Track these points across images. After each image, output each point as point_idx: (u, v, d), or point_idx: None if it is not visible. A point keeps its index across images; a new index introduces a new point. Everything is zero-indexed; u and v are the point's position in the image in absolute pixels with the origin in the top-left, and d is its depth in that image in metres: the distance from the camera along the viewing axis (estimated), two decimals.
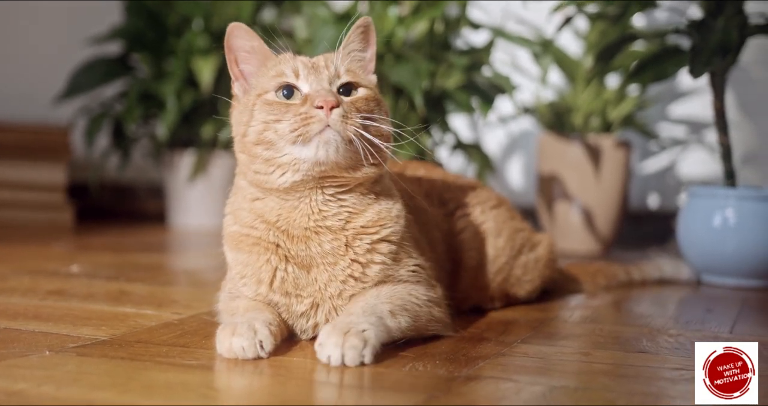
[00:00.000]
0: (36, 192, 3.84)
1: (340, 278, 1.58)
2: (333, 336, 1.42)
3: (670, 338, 1.80)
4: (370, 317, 1.48)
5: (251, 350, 1.45)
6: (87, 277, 2.38)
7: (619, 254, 3.42)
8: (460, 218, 2.02)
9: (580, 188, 3.46)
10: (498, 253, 2.04)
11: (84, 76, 3.84)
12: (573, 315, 2.08)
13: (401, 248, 1.64)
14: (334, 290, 1.58)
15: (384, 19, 3.15)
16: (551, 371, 1.51)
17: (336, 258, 1.57)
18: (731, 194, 2.65)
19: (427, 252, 1.78)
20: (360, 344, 1.42)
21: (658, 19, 3.74)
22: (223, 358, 1.45)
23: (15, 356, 1.42)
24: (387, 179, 1.68)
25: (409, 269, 1.65)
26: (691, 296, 2.51)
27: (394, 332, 1.54)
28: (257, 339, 1.46)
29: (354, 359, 1.41)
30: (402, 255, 1.64)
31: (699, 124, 3.80)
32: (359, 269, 1.58)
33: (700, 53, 2.50)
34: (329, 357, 1.41)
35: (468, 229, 2.01)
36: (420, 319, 1.60)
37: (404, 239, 1.65)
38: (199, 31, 3.77)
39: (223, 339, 1.46)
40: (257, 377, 1.35)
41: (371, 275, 1.60)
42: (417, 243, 1.73)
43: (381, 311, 1.52)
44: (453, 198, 2.05)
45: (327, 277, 1.57)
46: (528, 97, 3.78)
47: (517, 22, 3.70)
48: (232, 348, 1.45)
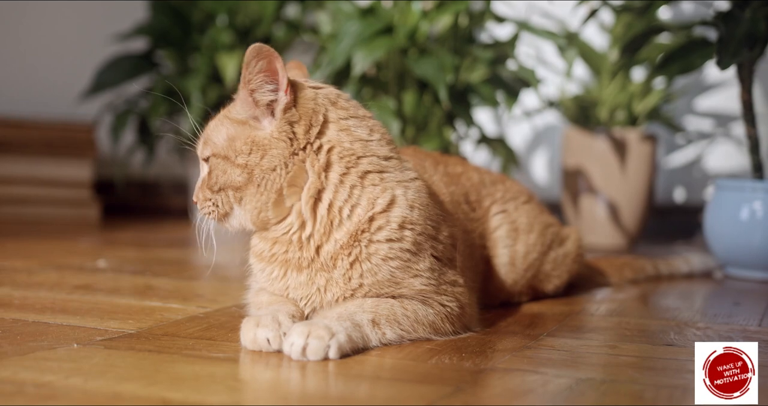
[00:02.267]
0: (62, 188, 3.87)
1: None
2: (300, 326, 1.39)
3: (698, 331, 1.79)
4: (344, 322, 1.44)
5: (276, 342, 1.44)
6: (113, 272, 2.40)
7: (645, 248, 3.40)
8: (496, 215, 2.01)
9: (606, 182, 3.44)
10: (529, 249, 2.03)
11: (109, 73, 3.86)
12: (599, 308, 2.07)
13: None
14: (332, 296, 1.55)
15: (408, 13, 3.14)
16: (577, 363, 1.50)
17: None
18: (759, 187, 2.62)
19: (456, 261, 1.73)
20: (326, 336, 1.38)
21: (684, 11, 3.71)
22: (248, 350, 1.45)
23: (43, 349, 1.43)
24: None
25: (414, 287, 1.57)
26: (719, 290, 2.49)
27: (373, 341, 1.48)
28: (281, 331, 1.45)
29: (317, 350, 1.37)
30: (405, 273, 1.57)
31: (726, 117, 3.77)
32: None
33: (727, 45, 2.47)
34: (291, 345, 1.37)
35: (502, 227, 2.00)
36: (418, 332, 1.54)
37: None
38: (223, 28, 3.78)
39: (248, 331, 1.46)
40: (283, 369, 1.35)
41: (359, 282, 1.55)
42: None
43: (360, 319, 1.47)
44: (488, 194, 2.03)
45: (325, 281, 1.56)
46: (553, 91, 3.76)
47: (542, 16, 3.69)
48: (257, 339, 1.45)
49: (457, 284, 1.63)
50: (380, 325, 1.49)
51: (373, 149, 1.56)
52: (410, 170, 1.61)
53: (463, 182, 1.99)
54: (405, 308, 1.53)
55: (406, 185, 1.57)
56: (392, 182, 1.55)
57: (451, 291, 1.60)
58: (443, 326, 1.58)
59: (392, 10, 3.19)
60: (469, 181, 2.02)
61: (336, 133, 1.53)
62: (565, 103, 3.55)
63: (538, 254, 2.05)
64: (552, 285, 2.12)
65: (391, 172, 1.56)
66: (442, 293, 1.58)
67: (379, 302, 1.52)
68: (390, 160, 1.58)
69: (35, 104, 4.18)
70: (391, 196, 1.54)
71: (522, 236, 2.02)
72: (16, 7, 4.20)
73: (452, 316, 1.59)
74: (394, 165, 1.58)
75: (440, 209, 1.66)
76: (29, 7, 4.26)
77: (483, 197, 2.02)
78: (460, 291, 1.63)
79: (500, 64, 3.26)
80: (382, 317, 1.49)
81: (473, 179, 2.03)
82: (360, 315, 1.47)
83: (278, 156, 1.50)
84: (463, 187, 1.97)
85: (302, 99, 1.53)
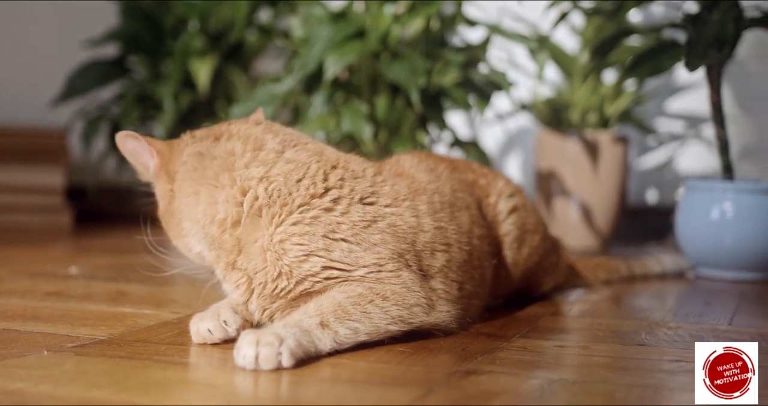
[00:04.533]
0: (34, 195, 3.83)
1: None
2: (247, 335, 1.36)
3: (669, 330, 1.80)
4: (291, 329, 1.40)
5: (217, 331, 1.51)
6: (85, 278, 2.38)
7: (618, 249, 3.42)
8: (505, 219, 1.98)
9: (578, 184, 3.46)
10: (532, 251, 2.03)
11: (80, 79, 3.84)
12: (572, 310, 2.08)
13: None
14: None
15: (380, 18, 3.14)
16: (550, 364, 1.51)
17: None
18: (729, 188, 2.65)
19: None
20: (276, 342, 1.34)
21: (654, 14, 3.74)
22: (221, 357, 1.45)
23: (13, 357, 1.42)
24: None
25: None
26: (690, 290, 2.51)
27: (327, 342, 1.43)
28: (221, 319, 1.52)
29: (269, 358, 1.33)
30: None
31: (696, 118, 3.80)
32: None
33: (695, 47, 2.50)
34: (244, 357, 1.34)
35: (512, 233, 1.97)
36: (373, 319, 1.49)
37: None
38: (195, 33, 3.76)
39: (191, 325, 1.54)
40: (258, 374, 1.35)
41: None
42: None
43: (307, 324, 1.42)
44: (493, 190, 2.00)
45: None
46: (525, 94, 3.78)
47: (513, 19, 3.70)
48: (199, 331, 1.52)
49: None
50: (330, 324, 1.44)
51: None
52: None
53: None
54: (347, 292, 1.50)
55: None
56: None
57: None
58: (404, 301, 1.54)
59: (364, 14, 3.19)
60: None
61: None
62: (537, 105, 3.57)
63: (539, 257, 2.05)
64: (547, 286, 2.15)
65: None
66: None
67: (321, 301, 1.48)
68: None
69: (5, 110, 4.15)
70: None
71: (527, 236, 2.02)
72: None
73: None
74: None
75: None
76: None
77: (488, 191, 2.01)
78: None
79: (472, 67, 3.27)
80: (329, 315, 1.45)
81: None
82: (306, 321, 1.43)
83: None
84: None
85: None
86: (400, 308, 1.52)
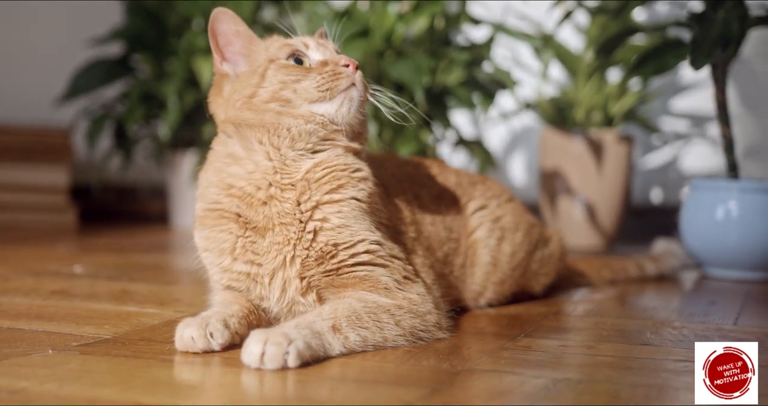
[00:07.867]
0: (39, 194, 3.84)
1: (293, 241, 1.57)
2: (257, 334, 1.36)
3: (674, 330, 1.80)
4: (303, 330, 1.40)
5: (201, 341, 1.45)
6: (90, 277, 2.38)
7: (622, 248, 3.41)
8: (475, 213, 2.00)
9: (583, 183, 3.46)
10: (516, 248, 2.03)
11: (85, 78, 3.84)
12: (576, 309, 2.08)
13: (357, 219, 1.60)
14: (288, 254, 1.57)
15: (384, 16, 3.14)
16: (554, 364, 1.50)
17: (291, 218, 1.57)
18: (734, 186, 2.64)
19: (419, 249, 1.76)
20: (284, 342, 1.34)
21: (658, 13, 3.73)
22: (230, 356, 1.45)
23: (18, 355, 1.42)
24: (364, 156, 1.70)
25: (366, 247, 1.59)
26: (695, 289, 2.51)
27: (336, 347, 1.44)
28: (208, 331, 1.46)
29: (275, 357, 1.33)
30: (357, 227, 1.60)
31: (701, 117, 3.79)
32: (308, 227, 1.57)
33: (700, 45, 2.49)
34: (250, 353, 1.34)
35: (483, 225, 1.99)
36: (384, 330, 1.51)
37: (364, 210, 1.62)
38: (199, 31, 3.77)
39: (177, 331, 1.47)
40: (263, 374, 1.34)
41: (320, 241, 1.57)
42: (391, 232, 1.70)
43: (320, 327, 1.43)
44: (465, 194, 2.02)
45: (282, 239, 1.57)
46: (529, 93, 3.77)
47: (518, 18, 3.70)
48: (183, 338, 1.46)
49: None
50: (341, 329, 1.45)
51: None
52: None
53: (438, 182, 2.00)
54: (365, 301, 1.53)
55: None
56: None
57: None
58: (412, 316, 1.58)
59: (368, 12, 3.19)
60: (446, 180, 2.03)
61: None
62: (541, 104, 3.56)
63: (525, 253, 2.05)
64: (540, 285, 2.14)
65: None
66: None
67: (336, 305, 1.49)
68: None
69: (11, 109, 4.15)
70: None
71: (508, 234, 2.02)
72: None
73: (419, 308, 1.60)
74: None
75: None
76: (3, 12, 4.23)
77: (461, 196, 2.01)
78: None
79: (476, 66, 3.27)
80: (342, 319, 1.46)
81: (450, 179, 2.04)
82: (319, 323, 1.44)
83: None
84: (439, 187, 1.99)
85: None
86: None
